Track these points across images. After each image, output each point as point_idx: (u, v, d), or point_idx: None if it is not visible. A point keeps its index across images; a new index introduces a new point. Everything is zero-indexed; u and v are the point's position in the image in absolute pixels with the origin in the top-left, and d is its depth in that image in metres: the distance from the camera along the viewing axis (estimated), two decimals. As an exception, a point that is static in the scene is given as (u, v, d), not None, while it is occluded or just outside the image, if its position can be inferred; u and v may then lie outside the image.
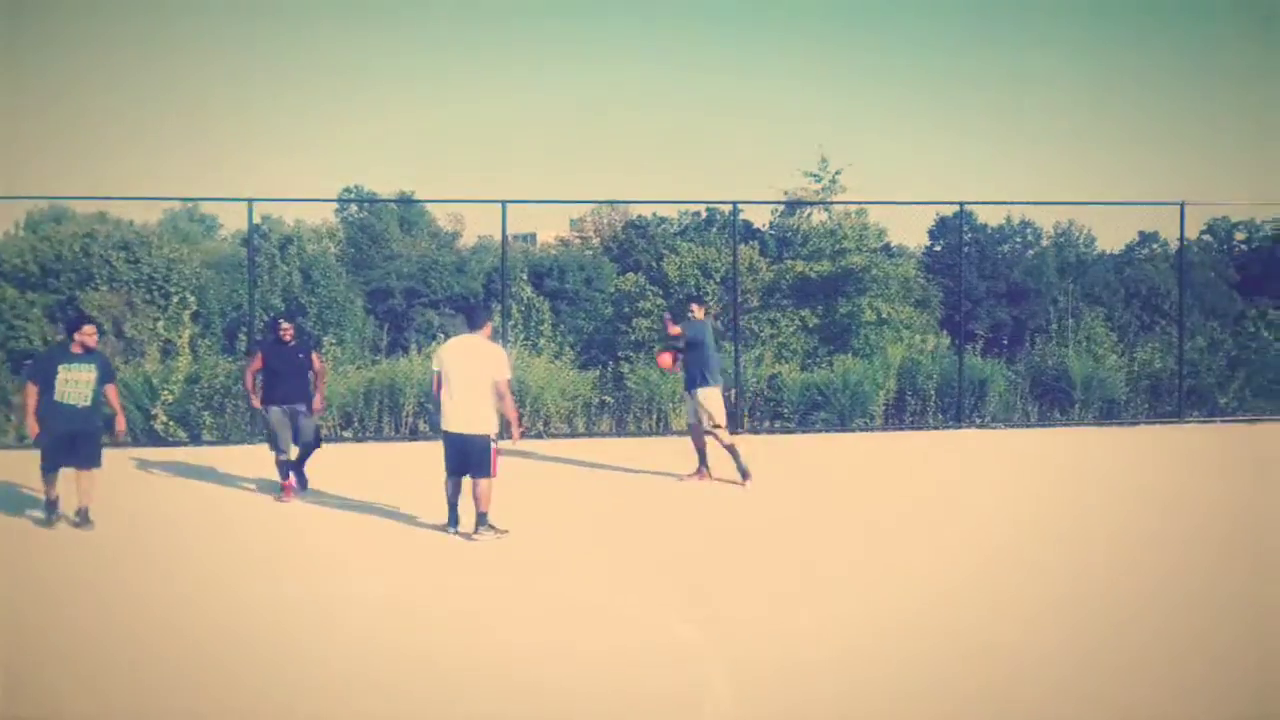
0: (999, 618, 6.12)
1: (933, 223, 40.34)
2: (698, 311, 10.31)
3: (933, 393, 14.79)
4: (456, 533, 8.07)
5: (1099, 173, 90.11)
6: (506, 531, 7.99)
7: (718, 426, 10.05)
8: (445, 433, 8.03)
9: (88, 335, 8.31)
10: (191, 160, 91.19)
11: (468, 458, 7.93)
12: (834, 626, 6.01)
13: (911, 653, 5.59)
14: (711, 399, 10.02)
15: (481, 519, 7.98)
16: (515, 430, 8.19)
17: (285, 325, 9.61)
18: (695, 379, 10.07)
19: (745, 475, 10.12)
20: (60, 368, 8.21)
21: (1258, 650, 5.68)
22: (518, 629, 5.95)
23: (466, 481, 8.03)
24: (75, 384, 8.21)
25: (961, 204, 16.25)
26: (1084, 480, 10.73)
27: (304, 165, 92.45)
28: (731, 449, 10.13)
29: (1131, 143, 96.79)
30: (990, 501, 9.60)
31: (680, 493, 9.96)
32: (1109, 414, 15.07)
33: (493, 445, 7.95)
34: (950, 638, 5.81)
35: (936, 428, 14.40)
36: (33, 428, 8.24)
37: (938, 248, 39.62)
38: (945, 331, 20.98)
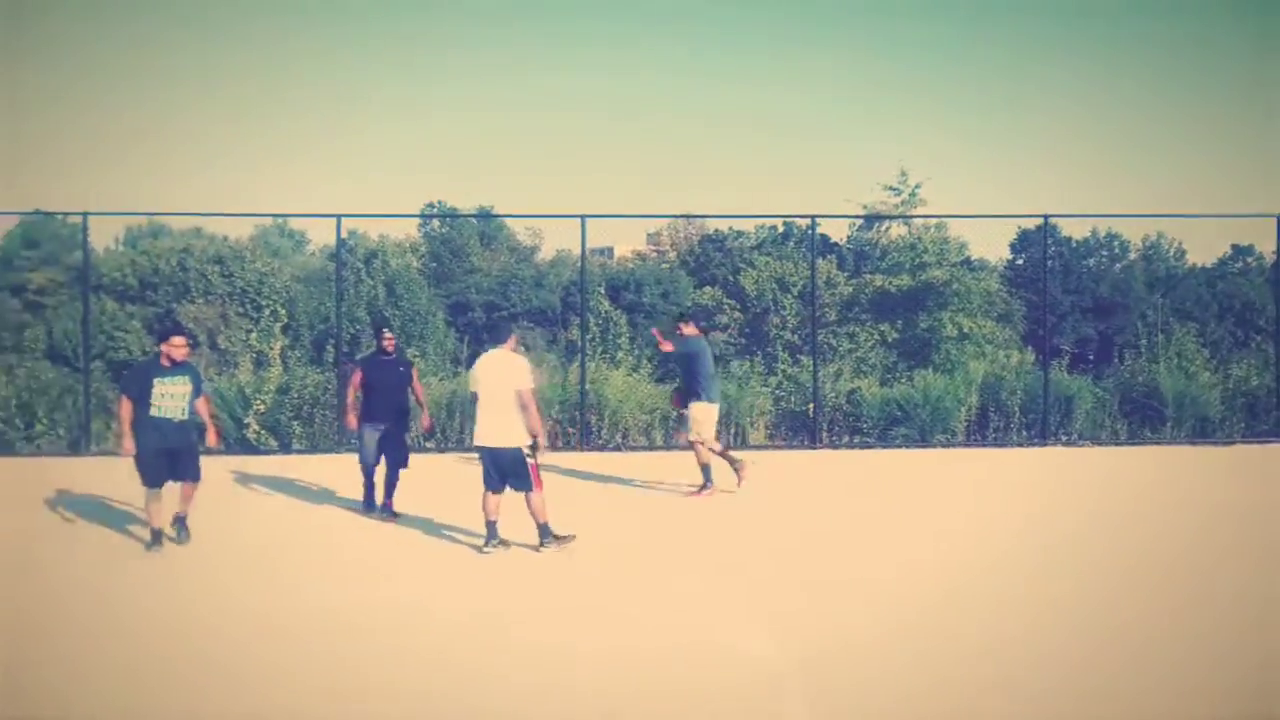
0: (1025, 621, 6.04)
1: (1015, 236, 39.65)
2: (687, 330, 10.50)
3: (1017, 409, 14.54)
4: (489, 550, 7.94)
5: (1189, 184, 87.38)
6: (573, 537, 7.99)
7: (700, 441, 10.18)
8: (479, 448, 7.97)
9: (176, 348, 8.09)
10: (282, 177, 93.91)
11: (503, 471, 7.88)
12: (864, 625, 6.00)
13: (922, 650, 5.73)
14: (701, 413, 10.14)
15: (544, 531, 7.94)
16: (541, 441, 7.90)
17: (388, 334, 9.35)
18: (689, 394, 10.25)
19: (704, 486, 10.27)
20: (155, 381, 8.01)
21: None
22: (565, 633, 6.04)
23: (508, 497, 7.99)
24: (171, 397, 8.03)
25: (1046, 216, 15.95)
26: (1166, 498, 10.43)
27: (388, 181, 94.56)
28: (705, 467, 10.26)
29: (1224, 153, 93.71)
30: (1066, 517, 9.40)
31: (742, 504, 9.97)
32: (1202, 432, 14.64)
33: (529, 458, 7.82)
34: (956, 638, 5.93)
35: (1021, 445, 14.14)
36: (128, 445, 8.00)
37: (1020, 261, 38.90)
38: (1029, 347, 20.61)
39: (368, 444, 9.21)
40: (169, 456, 8.08)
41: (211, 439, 8.52)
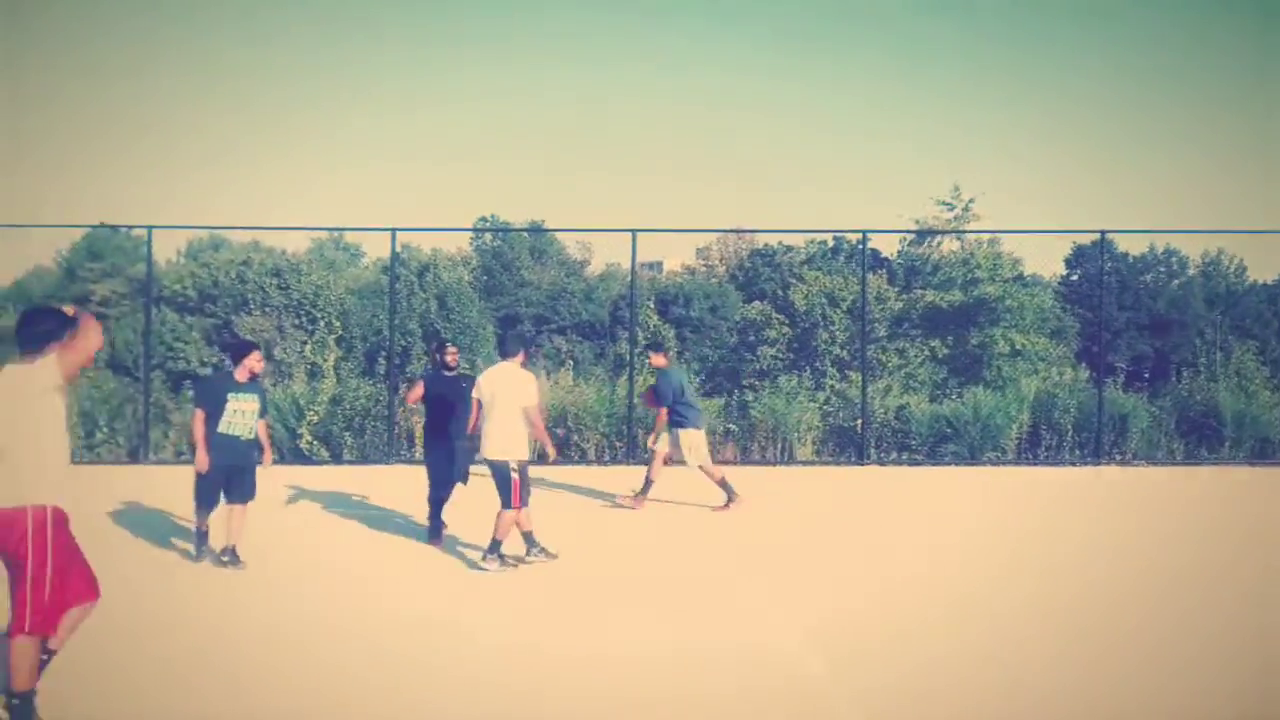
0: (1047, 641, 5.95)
1: (1070, 251, 39.09)
2: (657, 360, 10.66)
3: (1070, 427, 14.33)
4: (531, 559, 7.98)
5: (1250, 198, 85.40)
6: (514, 565, 7.86)
7: (700, 466, 10.44)
8: (485, 460, 8.00)
9: (256, 361, 7.98)
10: (338, 192, 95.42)
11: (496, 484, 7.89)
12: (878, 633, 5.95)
13: (931, 655, 5.58)
14: (692, 439, 10.41)
15: (492, 547, 7.78)
16: (550, 452, 8.09)
17: (451, 348, 9.20)
18: (673, 422, 10.45)
19: (730, 499, 10.44)
20: (230, 397, 7.87)
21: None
22: (594, 641, 6.06)
23: (536, 509, 7.97)
24: (242, 414, 7.90)
25: (1103, 232, 15.74)
26: (1217, 520, 10.19)
27: (442, 196, 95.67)
28: (722, 482, 10.46)
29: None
30: (1109, 536, 9.24)
31: (774, 518, 9.99)
32: (1262, 453, 14.31)
33: (514, 475, 7.74)
34: (967, 645, 5.84)
35: (1073, 463, 13.93)
36: (204, 460, 7.83)
37: (1075, 277, 38.31)
38: (1083, 363, 20.31)
39: (434, 463, 8.97)
40: (227, 474, 7.95)
41: (266, 460, 8.34)
